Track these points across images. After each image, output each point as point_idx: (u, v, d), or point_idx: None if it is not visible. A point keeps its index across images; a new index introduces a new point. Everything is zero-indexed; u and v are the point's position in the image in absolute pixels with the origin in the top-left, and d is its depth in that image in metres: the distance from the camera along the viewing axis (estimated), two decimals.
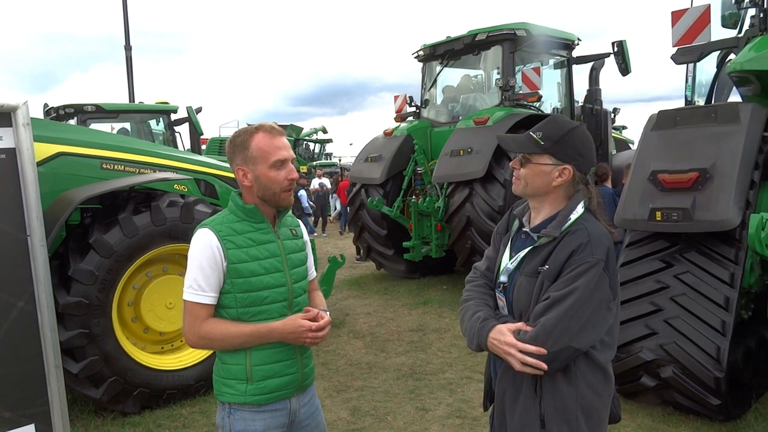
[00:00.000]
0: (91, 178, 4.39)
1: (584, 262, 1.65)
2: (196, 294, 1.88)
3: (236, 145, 1.94)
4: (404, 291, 8.27)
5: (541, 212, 1.83)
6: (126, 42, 15.41)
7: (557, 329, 1.63)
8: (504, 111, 7.83)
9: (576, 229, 1.72)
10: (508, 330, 1.70)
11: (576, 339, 1.64)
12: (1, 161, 2.33)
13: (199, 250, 1.89)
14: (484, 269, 1.99)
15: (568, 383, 1.70)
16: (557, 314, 1.63)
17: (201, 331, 1.89)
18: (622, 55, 8.08)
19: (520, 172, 1.82)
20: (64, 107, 9.76)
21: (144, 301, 4.36)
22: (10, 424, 2.36)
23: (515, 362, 1.66)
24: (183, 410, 4.31)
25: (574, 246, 1.68)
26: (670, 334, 3.73)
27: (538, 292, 1.72)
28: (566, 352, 1.64)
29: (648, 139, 4.19)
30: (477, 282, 1.97)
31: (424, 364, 5.25)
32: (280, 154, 1.92)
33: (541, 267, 1.72)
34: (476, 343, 1.77)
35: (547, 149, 1.76)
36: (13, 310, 2.37)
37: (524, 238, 1.86)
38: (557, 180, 1.77)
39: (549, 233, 1.74)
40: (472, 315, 1.83)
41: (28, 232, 2.39)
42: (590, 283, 1.64)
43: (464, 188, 7.51)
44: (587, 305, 1.64)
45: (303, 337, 1.90)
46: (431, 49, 9.05)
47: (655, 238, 4.06)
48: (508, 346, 1.67)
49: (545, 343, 1.63)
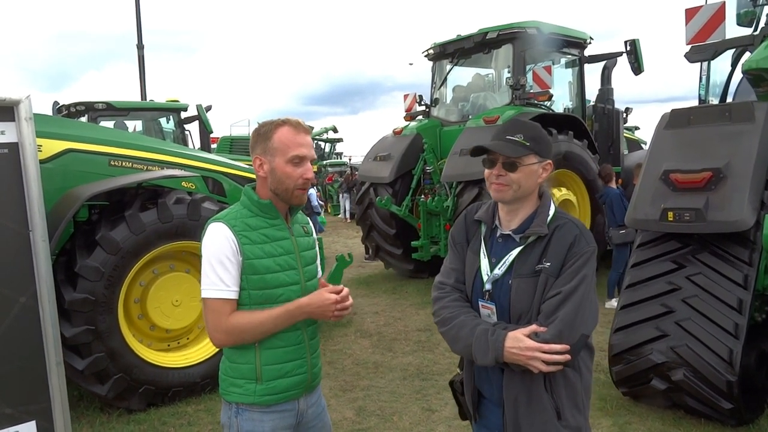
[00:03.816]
0: (99, 175, 4.41)
1: (584, 252, 1.71)
2: (219, 290, 1.83)
3: (260, 135, 1.93)
4: (412, 290, 8.23)
5: (519, 213, 1.82)
6: (138, 41, 15.51)
7: (577, 321, 1.65)
8: (514, 110, 7.76)
9: (562, 223, 1.77)
10: (523, 335, 1.66)
11: (587, 326, 1.69)
12: (4, 156, 2.32)
13: (217, 245, 1.84)
14: (453, 282, 1.90)
15: (573, 370, 1.74)
16: (573, 306, 1.65)
17: (229, 326, 1.83)
18: (634, 54, 7.99)
19: (512, 177, 1.76)
20: (75, 105, 9.82)
21: (150, 299, 4.35)
22: (11, 421, 2.35)
23: (540, 365, 1.63)
24: (188, 408, 4.30)
25: (570, 239, 1.72)
26: (681, 336, 3.67)
27: (542, 290, 1.71)
28: (581, 341, 1.69)
29: (660, 138, 4.12)
30: (452, 296, 1.88)
31: (431, 364, 5.21)
32: (300, 151, 1.89)
33: (540, 265, 1.72)
34: (492, 356, 1.69)
35: (534, 148, 1.78)
36: (14, 305, 2.36)
37: (502, 242, 1.83)
38: (542, 176, 1.82)
39: (537, 231, 1.75)
40: (471, 329, 1.74)
41: (30, 227, 2.38)
42: (592, 270, 1.72)
43: (473, 188, 7.45)
44: (592, 291, 1.71)
45: (330, 310, 1.88)
46: (441, 48, 9.00)
47: (667, 238, 3.98)
48: (531, 350, 1.63)
49: (569, 338, 1.64)
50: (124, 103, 10.43)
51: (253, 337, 1.87)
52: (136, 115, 10.80)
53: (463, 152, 7.56)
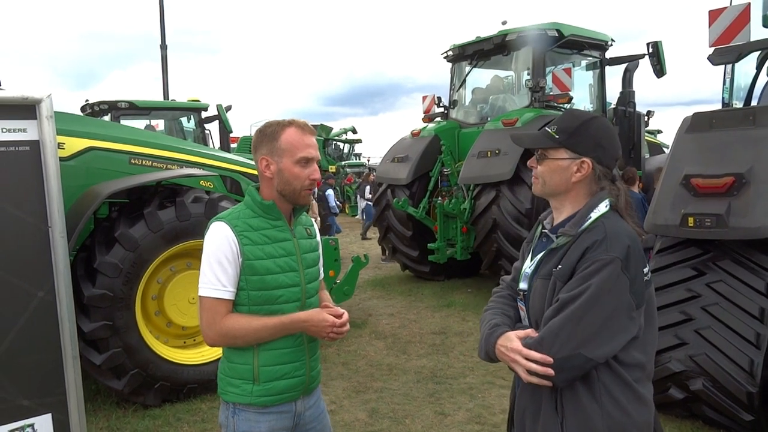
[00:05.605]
0: (120, 173, 4.47)
1: (598, 260, 1.51)
2: (215, 290, 1.83)
3: (265, 135, 1.91)
4: (428, 293, 8.21)
5: (563, 212, 1.71)
6: (162, 41, 15.72)
7: (564, 333, 1.49)
8: (533, 112, 7.70)
9: (594, 226, 1.59)
10: (516, 336, 1.60)
11: (587, 346, 1.48)
12: (26, 153, 2.36)
13: (217, 245, 1.84)
14: (510, 280, 1.89)
15: (592, 400, 1.54)
16: (565, 316, 1.50)
17: (222, 328, 1.83)
18: (657, 57, 7.86)
19: (538, 170, 1.72)
20: (99, 104, 10.00)
21: (167, 296, 4.40)
22: (28, 413, 2.40)
23: (522, 371, 1.54)
24: (203, 405, 4.34)
25: (589, 243, 1.55)
26: (700, 345, 3.60)
27: (551, 296, 1.59)
28: (575, 360, 1.48)
29: (681, 142, 4.05)
30: (501, 293, 1.88)
31: (445, 367, 5.18)
32: (307, 152, 1.89)
33: (555, 268, 1.61)
34: (485, 351, 1.67)
35: (563, 142, 1.65)
36: (33, 299, 2.40)
37: (544, 241, 1.75)
38: (576, 175, 1.65)
39: (566, 232, 1.62)
40: (485, 324, 1.74)
41: (49, 223, 2.42)
42: (604, 282, 1.49)
43: (491, 190, 7.41)
44: (601, 308, 1.49)
45: (326, 331, 1.89)
46: (461, 50, 8.97)
47: (687, 244, 3.91)
48: (514, 352, 1.56)
49: (550, 349, 1.49)
50: (146, 102, 10.59)
51: (245, 343, 1.88)
52: (158, 114, 10.98)
53: (481, 154, 7.52)
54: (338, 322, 1.90)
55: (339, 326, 1.90)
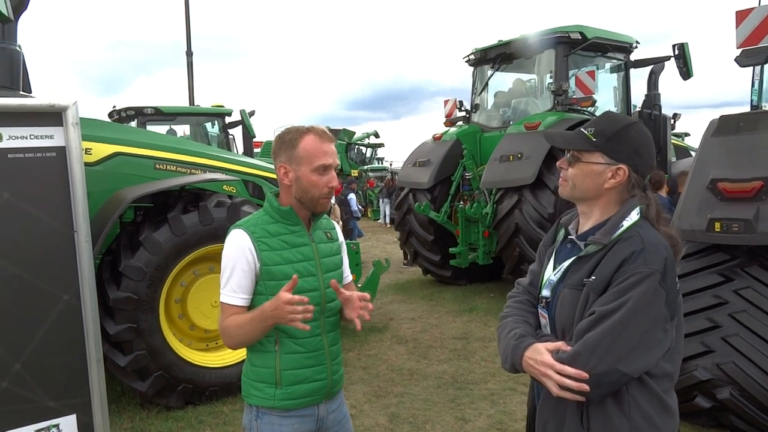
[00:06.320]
0: (145, 178, 4.55)
1: (636, 272, 1.46)
2: (227, 295, 1.89)
3: (284, 143, 1.93)
4: (450, 297, 8.17)
5: (591, 218, 1.66)
6: (187, 48, 15.98)
7: (601, 348, 1.43)
8: (556, 116, 7.63)
9: (629, 236, 1.53)
10: (546, 349, 1.53)
11: (624, 361, 1.43)
12: (52, 159, 2.43)
13: (232, 252, 1.88)
14: (527, 284, 1.83)
15: (620, 413, 1.49)
16: (602, 331, 1.44)
17: (222, 327, 1.90)
18: (683, 59, 7.73)
19: (568, 172, 1.66)
20: (125, 110, 10.21)
21: (191, 299, 4.46)
22: (53, 414, 2.45)
23: (552, 385, 1.48)
24: (224, 407, 4.38)
25: (626, 254, 1.49)
26: (727, 352, 3.52)
27: (583, 307, 1.53)
28: (612, 375, 1.44)
29: (708, 146, 3.97)
30: (518, 298, 1.81)
31: (466, 373, 5.15)
32: (325, 160, 1.89)
33: (587, 279, 1.54)
34: (510, 362, 1.61)
35: (600, 146, 1.59)
36: (59, 303, 2.46)
37: (570, 248, 1.69)
38: (610, 181, 1.59)
39: (598, 241, 1.56)
40: (508, 332, 1.67)
41: (75, 228, 2.48)
42: (643, 296, 1.44)
43: (513, 194, 7.36)
44: (638, 322, 1.44)
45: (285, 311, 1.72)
46: (482, 53, 8.93)
47: (714, 250, 3.83)
48: (545, 366, 1.49)
49: (587, 364, 1.44)
50: (171, 108, 10.78)
51: (240, 339, 1.88)
52: (183, 119, 11.15)
53: (503, 158, 7.48)
54: (296, 298, 1.71)
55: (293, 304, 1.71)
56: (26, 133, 2.42)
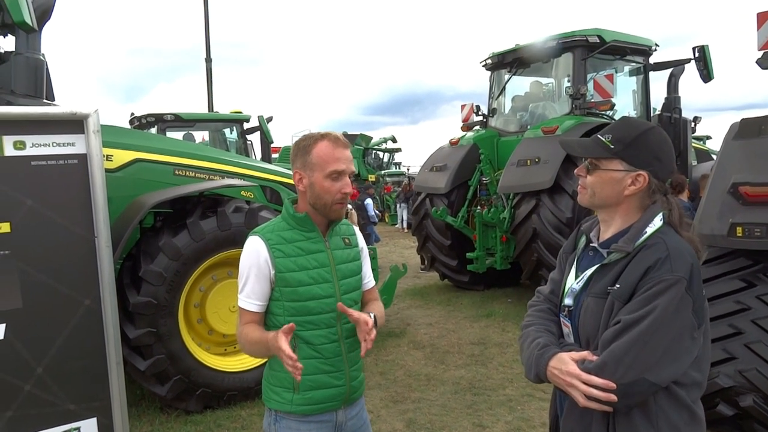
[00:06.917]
0: (164, 184, 4.62)
1: (662, 280, 1.44)
2: (243, 300, 1.93)
3: (299, 149, 1.95)
4: (467, 303, 8.14)
5: (612, 225, 1.64)
6: (207, 55, 16.19)
7: (628, 357, 1.41)
8: (574, 120, 7.57)
9: (653, 243, 1.51)
10: (571, 359, 1.51)
11: (652, 371, 1.41)
12: (74, 166, 2.48)
13: (248, 258, 1.92)
14: (548, 293, 1.81)
15: (647, 424, 1.47)
16: (629, 340, 1.42)
17: (238, 333, 1.95)
18: (703, 61, 7.62)
19: (587, 180, 1.64)
20: (146, 116, 10.35)
21: (209, 304, 4.51)
22: (74, 417, 2.50)
23: (579, 396, 1.46)
24: (242, 412, 4.41)
25: (651, 262, 1.47)
26: (750, 359, 3.44)
27: (608, 316, 1.51)
28: (640, 385, 1.41)
29: (729, 149, 3.90)
30: (539, 306, 1.79)
31: (484, 378, 5.12)
32: (338, 166, 1.89)
33: (611, 287, 1.52)
34: (534, 372, 1.59)
35: (618, 153, 1.57)
36: (80, 307, 2.50)
37: (592, 255, 1.67)
38: (630, 188, 1.57)
39: (621, 248, 1.54)
40: (531, 342, 1.65)
41: (95, 233, 2.52)
42: (670, 304, 1.42)
43: (531, 199, 7.30)
44: (666, 331, 1.42)
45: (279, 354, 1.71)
46: (500, 58, 8.91)
47: (736, 255, 3.76)
48: (571, 376, 1.47)
49: (614, 374, 1.41)
50: (190, 114, 10.91)
51: (251, 353, 1.98)
52: (202, 126, 11.28)
53: (521, 163, 7.43)
54: (294, 357, 1.66)
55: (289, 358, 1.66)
56: (49, 141, 2.48)
